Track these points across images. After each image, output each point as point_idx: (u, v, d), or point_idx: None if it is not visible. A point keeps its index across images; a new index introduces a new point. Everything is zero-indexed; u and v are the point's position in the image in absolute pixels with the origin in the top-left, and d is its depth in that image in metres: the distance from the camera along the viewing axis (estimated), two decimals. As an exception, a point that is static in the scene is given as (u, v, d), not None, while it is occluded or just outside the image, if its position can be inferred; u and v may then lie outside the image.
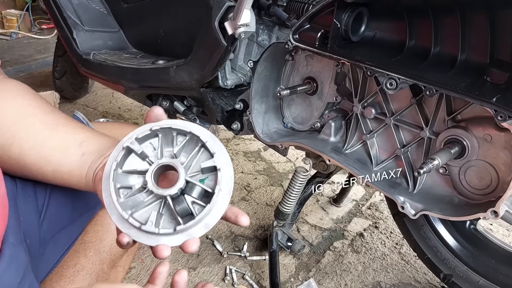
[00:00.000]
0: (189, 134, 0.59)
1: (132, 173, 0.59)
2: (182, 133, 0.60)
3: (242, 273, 1.34)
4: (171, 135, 0.61)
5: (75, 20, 1.49)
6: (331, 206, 1.72)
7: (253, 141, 2.16)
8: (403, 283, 1.35)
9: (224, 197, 0.57)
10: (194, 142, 0.60)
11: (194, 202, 0.57)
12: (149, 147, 0.60)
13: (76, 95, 2.44)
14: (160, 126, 0.59)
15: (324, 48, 0.93)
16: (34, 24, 3.64)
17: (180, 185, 0.56)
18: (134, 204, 0.57)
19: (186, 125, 0.59)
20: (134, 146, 0.58)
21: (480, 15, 0.78)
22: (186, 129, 0.59)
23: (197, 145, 0.60)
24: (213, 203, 0.56)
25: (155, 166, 0.57)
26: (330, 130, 1.07)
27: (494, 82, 0.77)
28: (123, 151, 0.58)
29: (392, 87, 0.83)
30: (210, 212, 0.56)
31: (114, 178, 0.56)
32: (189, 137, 0.60)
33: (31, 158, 0.65)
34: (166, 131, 0.60)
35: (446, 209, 0.90)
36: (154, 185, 0.56)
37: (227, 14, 1.05)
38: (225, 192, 0.58)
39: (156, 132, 0.60)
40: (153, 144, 0.61)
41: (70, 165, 0.65)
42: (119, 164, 0.58)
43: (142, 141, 0.60)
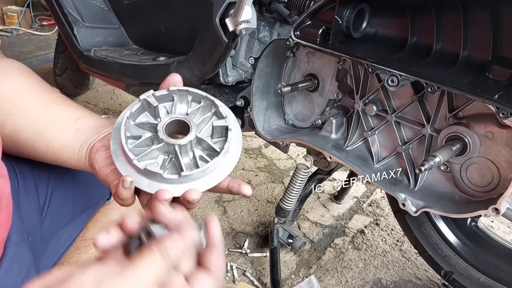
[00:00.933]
0: (203, 100, 0.61)
1: (143, 126, 0.59)
2: (197, 100, 0.62)
3: (243, 269, 1.34)
4: (186, 100, 0.62)
5: (75, 16, 1.49)
6: (332, 203, 1.72)
7: (254, 138, 2.16)
8: (404, 280, 1.36)
9: (231, 159, 0.58)
10: (208, 108, 0.61)
11: (201, 158, 0.58)
12: (163, 110, 0.61)
13: (77, 92, 2.44)
14: (178, 88, 0.61)
15: (325, 45, 0.92)
16: (35, 21, 3.64)
17: (190, 138, 0.56)
18: (140, 153, 0.57)
19: (202, 91, 0.61)
20: (150, 99, 0.59)
21: (482, 11, 0.77)
22: (202, 94, 0.61)
23: (210, 111, 0.61)
24: (219, 161, 0.56)
25: (168, 119, 0.58)
26: (331, 127, 1.07)
27: (496, 79, 0.76)
28: (139, 103, 0.59)
29: (394, 84, 0.83)
30: (215, 169, 0.56)
31: (126, 125, 0.57)
32: (203, 104, 0.61)
33: (24, 134, 0.65)
34: (182, 94, 0.61)
35: (447, 206, 0.90)
36: (165, 134, 0.57)
37: (228, 10, 1.05)
38: (232, 154, 0.58)
39: (173, 94, 0.61)
40: (167, 108, 0.61)
41: (63, 140, 0.64)
42: (132, 115, 0.58)
43: (158, 100, 0.60)
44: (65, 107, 0.68)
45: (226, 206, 1.66)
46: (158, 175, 0.54)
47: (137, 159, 0.55)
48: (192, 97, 0.62)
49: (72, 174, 0.82)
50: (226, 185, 0.60)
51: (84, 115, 0.67)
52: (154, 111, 0.60)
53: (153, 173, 0.54)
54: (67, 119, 0.66)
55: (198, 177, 0.56)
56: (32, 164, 0.76)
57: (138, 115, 0.60)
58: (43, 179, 0.77)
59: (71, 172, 0.82)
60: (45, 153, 0.66)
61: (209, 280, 0.46)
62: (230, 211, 1.62)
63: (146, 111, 0.60)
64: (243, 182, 0.60)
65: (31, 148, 0.66)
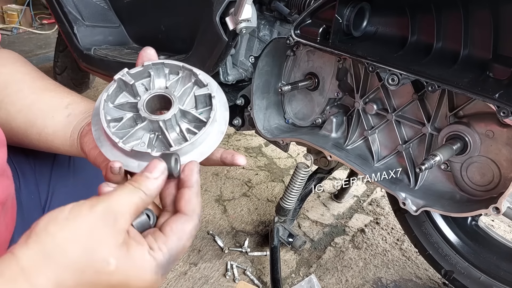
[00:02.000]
0: (181, 70, 0.58)
1: (123, 106, 0.57)
2: (174, 71, 0.59)
3: (243, 268, 1.34)
4: (163, 73, 0.59)
5: (75, 15, 1.49)
6: (332, 202, 1.72)
7: (254, 136, 2.16)
8: (404, 279, 1.35)
9: (219, 127, 0.55)
10: (187, 78, 0.59)
11: (189, 130, 0.55)
12: (141, 87, 0.58)
13: (77, 91, 2.43)
14: (152, 62, 0.58)
15: (325, 44, 0.92)
16: (35, 19, 3.63)
17: (174, 111, 0.54)
18: (125, 135, 0.55)
19: (178, 62, 0.59)
20: (125, 77, 0.56)
21: (483, 10, 0.77)
22: (178, 64, 0.58)
23: (190, 81, 0.58)
24: (208, 131, 0.53)
25: (148, 95, 0.56)
26: (332, 126, 1.07)
27: (496, 77, 0.76)
28: (114, 84, 0.56)
29: (394, 82, 0.83)
30: (204, 140, 0.54)
31: (105, 108, 0.54)
32: (181, 75, 0.59)
33: (17, 122, 0.65)
34: (158, 68, 0.58)
35: (448, 205, 0.90)
36: (146, 111, 0.54)
37: (228, 9, 1.05)
38: (220, 122, 0.56)
39: (148, 70, 0.58)
40: (145, 85, 0.59)
41: (54, 126, 0.64)
42: (110, 96, 0.56)
43: (134, 78, 0.57)
44: (57, 94, 0.68)
45: (226, 205, 1.65)
46: (147, 154, 0.51)
47: (122, 141, 0.53)
48: (169, 69, 0.59)
49: (73, 172, 0.82)
50: (219, 157, 0.59)
51: (76, 100, 0.67)
52: (132, 89, 0.57)
53: (141, 153, 0.52)
54: (58, 105, 0.66)
55: (188, 150, 0.53)
56: (33, 162, 0.75)
57: (116, 97, 0.58)
58: (44, 178, 0.77)
59: (72, 170, 0.81)
60: (38, 140, 0.66)
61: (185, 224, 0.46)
62: (230, 210, 1.62)
63: (124, 91, 0.58)
64: (236, 152, 0.59)
65: (24, 136, 0.66)
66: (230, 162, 0.58)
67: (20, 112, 0.65)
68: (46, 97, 0.67)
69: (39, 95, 0.67)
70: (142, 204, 0.45)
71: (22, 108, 0.65)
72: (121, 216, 0.43)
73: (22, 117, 0.65)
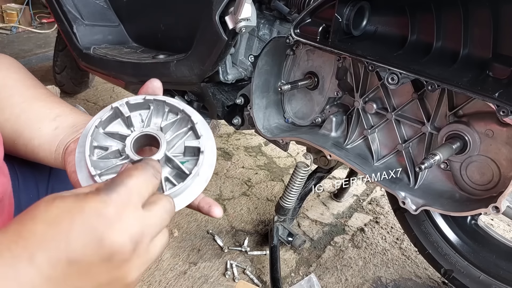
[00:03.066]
0: (181, 113, 0.57)
1: (113, 135, 0.56)
2: (174, 111, 0.58)
3: (242, 268, 1.34)
4: (162, 111, 0.58)
5: (75, 14, 1.48)
6: (332, 201, 1.72)
7: (254, 136, 2.16)
8: (403, 278, 1.36)
9: (199, 183, 0.54)
10: (184, 122, 0.57)
11: (167, 180, 0.54)
12: (137, 118, 0.58)
13: (77, 90, 2.43)
14: (155, 97, 0.57)
15: (325, 43, 0.92)
16: (34, 18, 3.63)
17: (158, 157, 0.52)
18: (105, 166, 0.53)
19: (180, 104, 0.57)
20: (123, 108, 0.55)
21: (483, 9, 0.77)
22: (179, 106, 0.57)
23: (186, 126, 0.57)
24: (186, 184, 0.52)
25: (137, 133, 0.55)
26: (331, 125, 1.07)
27: (496, 77, 0.76)
28: (110, 111, 0.55)
29: (394, 82, 0.83)
30: (182, 193, 0.53)
31: (94, 134, 0.53)
32: (180, 117, 0.57)
33: (5, 131, 0.64)
34: (159, 104, 0.57)
35: (447, 205, 0.90)
36: (132, 150, 0.53)
37: (227, 8, 1.04)
38: (202, 178, 0.54)
39: (149, 103, 0.57)
40: (142, 116, 0.58)
41: (40, 138, 0.63)
42: (102, 123, 0.55)
43: (132, 108, 0.57)
44: (47, 104, 0.67)
45: (226, 204, 1.66)
46: None
47: (100, 173, 0.51)
48: (170, 108, 0.58)
49: None
50: (197, 204, 0.58)
51: (65, 112, 0.66)
52: (126, 120, 0.56)
53: None
54: (46, 116, 0.65)
55: None
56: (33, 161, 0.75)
57: (110, 122, 0.57)
58: (43, 177, 0.77)
59: None
60: (25, 151, 0.66)
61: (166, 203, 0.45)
62: (230, 209, 1.62)
63: (119, 118, 0.57)
64: (214, 202, 0.58)
65: (11, 146, 0.66)
66: (206, 212, 0.58)
67: (8, 120, 0.64)
68: (35, 107, 0.66)
69: (29, 104, 0.66)
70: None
71: (10, 117, 0.64)
72: None
73: (9, 126, 0.64)
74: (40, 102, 0.67)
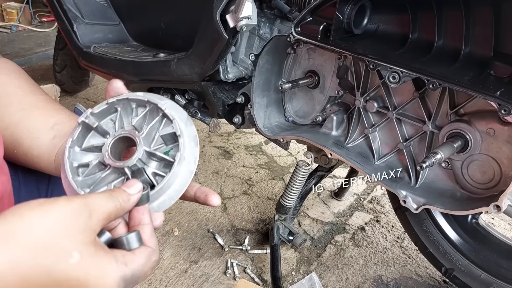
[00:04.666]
0: (148, 104, 0.55)
1: (90, 150, 0.55)
2: (141, 105, 0.56)
3: (243, 266, 1.34)
4: (130, 108, 0.57)
5: (75, 13, 1.48)
6: (333, 200, 1.72)
7: (254, 135, 2.16)
8: (404, 277, 1.36)
9: (188, 166, 0.53)
10: (154, 112, 0.56)
11: (156, 174, 0.53)
12: (109, 124, 0.56)
13: (77, 89, 2.43)
14: (116, 98, 0.55)
15: (326, 41, 0.92)
16: (34, 17, 3.63)
17: (138, 155, 0.51)
18: (93, 182, 0.53)
19: (144, 95, 0.56)
20: (88, 120, 0.54)
21: (484, 7, 0.77)
22: (143, 98, 0.55)
23: (158, 115, 0.55)
24: (175, 172, 0.51)
25: (112, 139, 0.54)
26: (332, 124, 1.06)
27: (498, 75, 0.76)
28: (79, 127, 0.54)
29: (395, 80, 0.83)
30: (173, 182, 0.52)
31: (70, 156, 0.53)
32: (149, 108, 0.56)
33: (4, 139, 0.64)
34: (124, 103, 0.56)
35: (448, 203, 0.90)
36: (111, 158, 0.52)
37: (228, 6, 1.04)
38: (189, 160, 0.53)
39: (114, 105, 0.56)
40: (114, 120, 0.57)
41: (39, 148, 0.63)
42: (75, 141, 0.54)
43: (100, 116, 0.56)
44: (45, 111, 0.67)
45: (227, 203, 1.65)
46: None
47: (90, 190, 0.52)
48: (136, 103, 0.56)
49: None
50: (193, 194, 0.58)
51: (63, 120, 0.66)
52: (98, 130, 0.55)
53: None
54: (44, 125, 0.65)
55: (159, 195, 0.52)
56: None
57: (85, 138, 0.56)
58: (44, 176, 0.77)
59: None
60: (25, 160, 0.66)
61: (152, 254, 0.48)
62: (231, 208, 1.62)
63: (92, 130, 0.56)
64: (210, 191, 0.57)
65: (11, 153, 0.66)
66: (203, 201, 0.57)
67: (7, 129, 0.64)
68: (34, 115, 0.66)
69: (27, 112, 0.66)
70: (115, 212, 0.46)
71: (9, 125, 0.64)
72: (95, 215, 0.43)
73: (8, 135, 0.64)
74: (38, 109, 0.67)
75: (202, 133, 2.17)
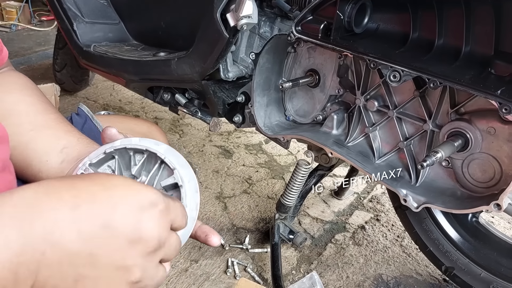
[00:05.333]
0: (146, 152, 0.56)
1: None
2: (138, 151, 0.57)
3: (244, 265, 1.34)
4: (128, 155, 0.57)
5: (75, 11, 1.48)
6: (333, 198, 1.72)
7: (254, 134, 2.16)
8: (404, 275, 1.36)
9: (190, 213, 0.54)
10: (153, 158, 0.56)
11: None
12: (107, 171, 0.57)
13: (77, 88, 2.43)
14: (114, 147, 0.56)
15: (326, 40, 0.92)
16: (33, 16, 3.62)
17: None
18: None
19: (141, 143, 0.56)
20: (87, 172, 0.55)
21: (485, 6, 0.77)
22: (141, 147, 0.56)
23: (156, 162, 0.56)
24: None
25: None
26: (333, 123, 1.06)
27: (498, 74, 0.76)
28: None
29: (396, 79, 0.83)
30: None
31: None
32: (146, 155, 0.56)
33: (13, 158, 0.64)
34: (122, 151, 0.56)
35: (449, 202, 0.90)
36: None
37: (229, 5, 1.04)
38: (191, 207, 0.54)
39: (112, 154, 0.56)
40: (111, 166, 0.57)
41: (48, 171, 0.63)
42: None
43: (98, 165, 0.57)
44: (55, 132, 0.67)
45: (227, 202, 1.66)
46: None
47: None
48: (133, 150, 0.56)
49: None
50: (194, 233, 0.58)
51: (71, 143, 0.66)
52: None
53: None
54: (53, 148, 0.65)
55: None
56: None
57: None
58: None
59: None
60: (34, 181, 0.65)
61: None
62: (231, 207, 1.62)
63: None
64: (211, 230, 0.58)
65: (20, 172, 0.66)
66: (203, 241, 0.58)
67: (16, 148, 0.64)
68: (43, 136, 0.66)
69: (37, 132, 0.66)
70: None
71: (18, 145, 0.64)
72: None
73: (17, 155, 0.64)
74: (48, 130, 0.67)
75: (202, 132, 2.17)
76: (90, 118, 0.87)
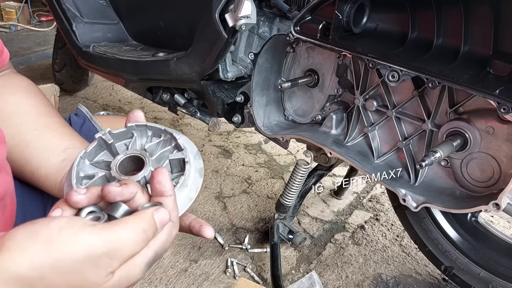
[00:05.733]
0: (163, 133, 0.58)
1: (98, 165, 0.57)
2: (157, 134, 0.59)
3: (243, 265, 1.34)
4: (146, 135, 0.59)
5: (74, 12, 1.48)
6: (332, 198, 1.72)
7: (254, 133, 2.16)
8: (404, 275, 1.36)
9: (189, 193, 0.54)
10: (168, 142, 0.58)
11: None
12: (122, 147, 0.59)
13: (76, 88, 2.43)
14: (135, 123, 0.58)
15: (325, 40, 0.92)
16: (33, 16, 3.62)
17: (144, 173, 0.53)
18: None
19: (162, 126, 0.58)
20: (106, 136, 0.56)
21: (483, 6, 0.77)
22: (161, 127, 0.58)
23: (171, 144, 0.58)
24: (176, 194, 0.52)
25: (122, 156, 0.55)
26: (332, 122, 1.07)
27: (497, 74, 0.76)
28: (94, 142, 0.56)
29: (394, 79, 0.83)
30: None
31: (80, 165, 0.54)
32: (163, 138, 0.58)
33: (13, 156, 0.65)
34: (141, 130, 0.59)
35: (448, 202, 0.90)
36: (117, 172, 0.54)
37: (227, 5, 1.04)
38: (191, 188, 0.55)
39: (132, 131, 0.58)
40: (127, 145, 0.59)
41: (47, 168, 0.64)
42: (87, 154, 0.56)
43: (116, 137, 0.58)
44: (58, 134, 0.67)
45: (226, 202, 1.66)
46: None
47: None
48: (152, 131, 0.59)
49: None
50: (188, 224, 0.58)
51: (75, 145, 0.66)
52: (111, 149, 0.57)
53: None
54: (56, 147, 0.65)
55: None
56: None
57: (96, 154, 0.57)
58: None
59: None
60: (31, 178, 0.66)
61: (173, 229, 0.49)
62: (230, 207, 1.62)
63: (105, 150, 0.58)
64: (205, 223, 0.58)
65: (17, 171, 0.66)
66: (196, 232, 0.58)
67: (17, 147, 0.65)
68: (46, 136, 0.66)
69: (40, 133, 0.66)
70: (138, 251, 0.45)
71: (20, 144, 0.65)
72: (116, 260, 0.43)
73: (18, 153, 0.65)
74: (52, 131, 0.67)
75: (201, 132, 2.17)
76: (89, 119, 0.87)
